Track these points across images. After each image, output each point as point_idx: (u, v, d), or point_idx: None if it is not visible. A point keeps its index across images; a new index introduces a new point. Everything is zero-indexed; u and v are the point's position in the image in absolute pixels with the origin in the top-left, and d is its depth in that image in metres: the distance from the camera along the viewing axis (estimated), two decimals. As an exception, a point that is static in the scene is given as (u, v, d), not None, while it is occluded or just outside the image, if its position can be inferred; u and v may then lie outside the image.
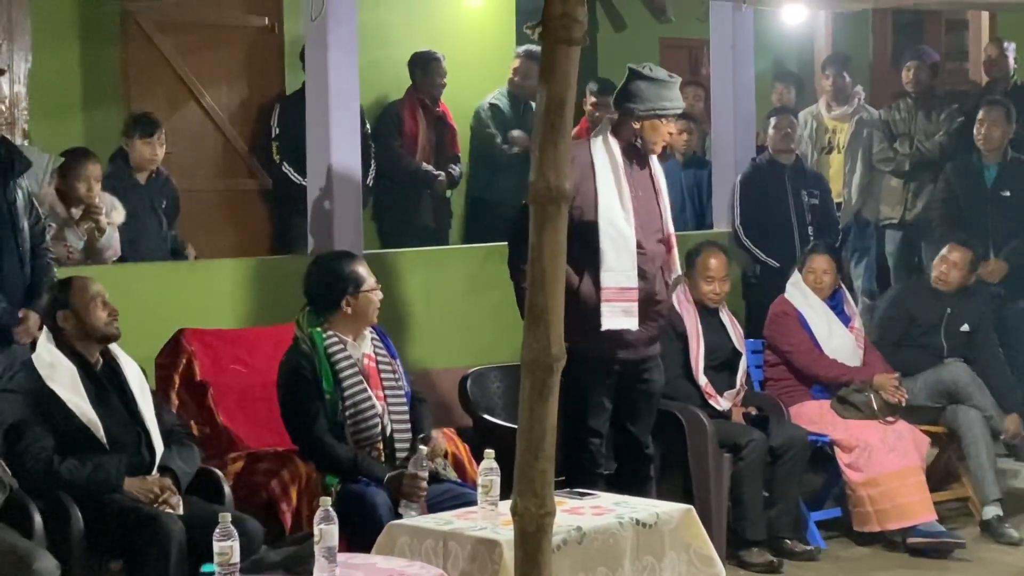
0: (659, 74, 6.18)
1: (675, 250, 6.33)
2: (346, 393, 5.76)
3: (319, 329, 5.82)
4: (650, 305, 6.16)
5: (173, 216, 7.59)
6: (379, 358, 5.91)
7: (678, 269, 6.35)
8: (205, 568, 4.61)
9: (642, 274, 6.14)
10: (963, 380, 7.55)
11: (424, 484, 5.57)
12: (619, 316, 6.03)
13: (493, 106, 9.31)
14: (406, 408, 5.87)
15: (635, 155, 6.21)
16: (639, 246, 6.15)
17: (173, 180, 7.66)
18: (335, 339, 5.82)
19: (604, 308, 6.00)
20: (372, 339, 5.94)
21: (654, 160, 6.30)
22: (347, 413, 5.76)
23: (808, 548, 7.01)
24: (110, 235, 6.90)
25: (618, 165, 6.12)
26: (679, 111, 6.30)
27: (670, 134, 6.33)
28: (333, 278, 5.89)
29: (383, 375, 5.88)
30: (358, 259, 6.05)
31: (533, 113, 4.92)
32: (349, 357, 5.81)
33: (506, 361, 6.82)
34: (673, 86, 6.20)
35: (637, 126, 6.16)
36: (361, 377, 5.80)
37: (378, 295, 5.93)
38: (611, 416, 6.21)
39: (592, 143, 6.13)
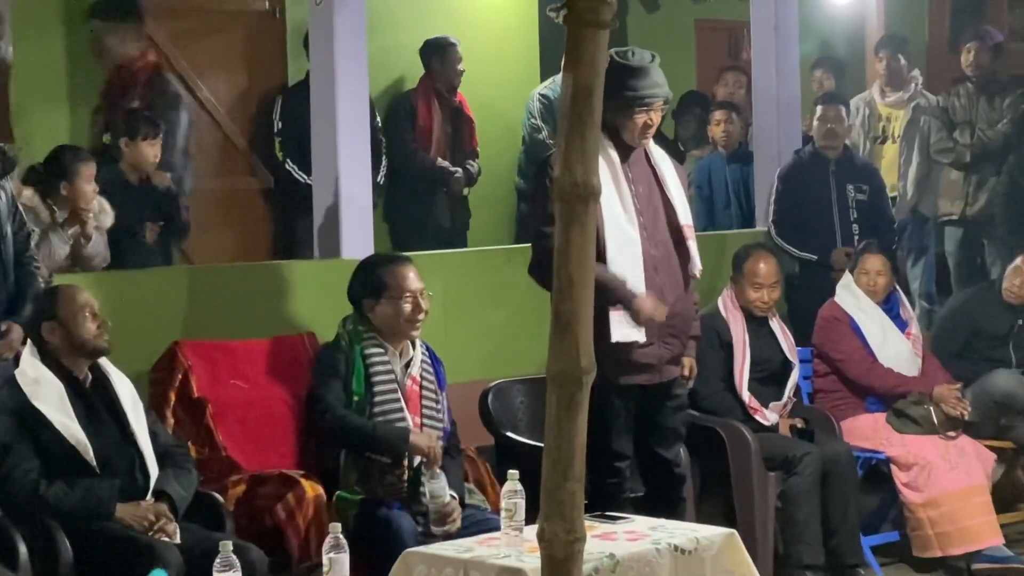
0: (643, 59, 6.06)
1: (692, 242, 6.15)
2: (376, 399, 5.94)
3: (362, 328, 6.03)
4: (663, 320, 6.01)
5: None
6: (424, 384, 6.07)
7: (698, 264, 6.19)
8: (155, 573, 4.64)
9: (650, 283, 5.98)
10: (1010, 387, 7.54)
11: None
12: (627, 327, 5.91)
13: (544, 96, 9.28)
14: (441, 444, 5.98)
15: (630, 149, 6.12)
16: (645, 252, 6.01)
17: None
18: (376, 343, 6.02)
19: (613, 317, 5.87)
20: (423, 362, 6.09)
21: (654, 150, 6.23)
22: (375, 420, 5.92)
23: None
24: (98, 240, 6.92)
25: (614, 163, 6.05)
26: (668, 95, 6.20)
27: (656, 122, 6.20)
28: (356, 281, 6.16)
29: (424, 403, 6.05)
30: (397, 263, 6.18)
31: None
32: (387, 364, 5.99)
33: (531, 374, 6.82)
34: (657, 69, 6.04)
35: (635, 118, 6.03)
36: (396, 387, 5.98)
37: (409, 303, 6.02)
38: (637, 438, 6.18)
39: None
